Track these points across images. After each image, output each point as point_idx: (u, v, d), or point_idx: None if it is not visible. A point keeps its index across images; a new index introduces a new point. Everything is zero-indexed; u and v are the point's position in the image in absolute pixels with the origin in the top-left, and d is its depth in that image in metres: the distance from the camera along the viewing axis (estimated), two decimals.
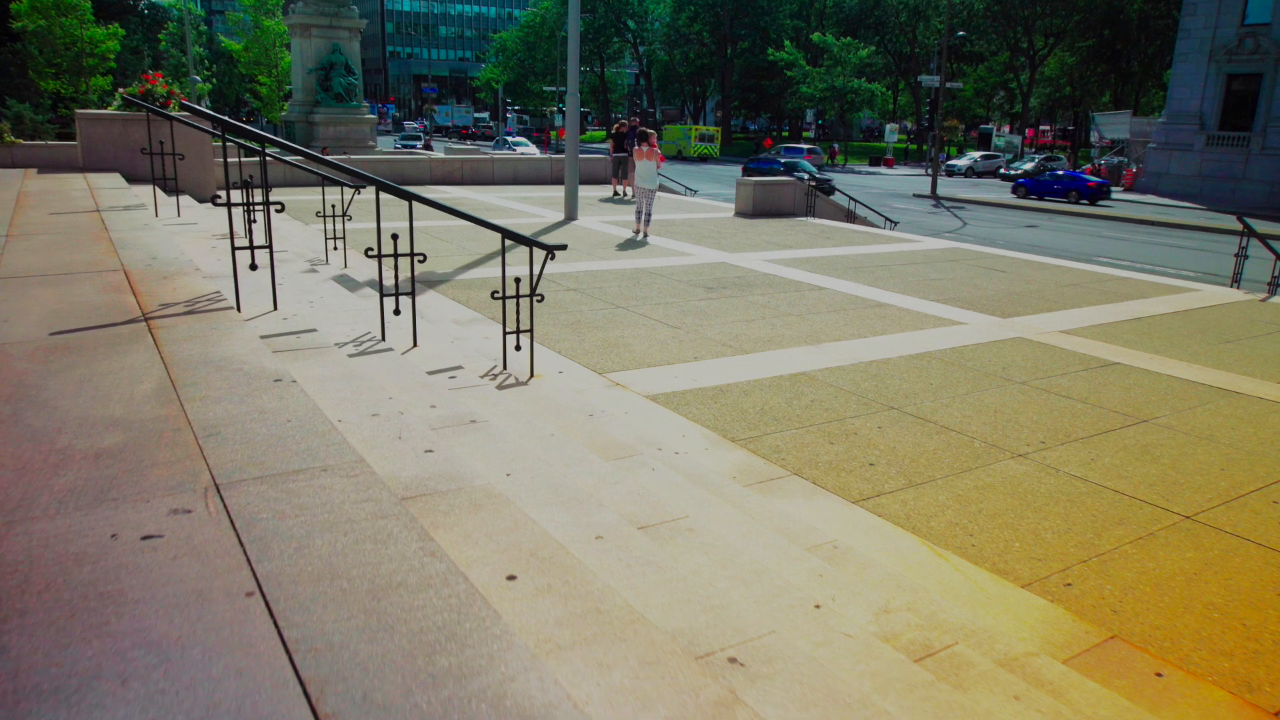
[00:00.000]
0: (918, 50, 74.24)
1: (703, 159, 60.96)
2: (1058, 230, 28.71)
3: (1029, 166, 55.88)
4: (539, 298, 6.05)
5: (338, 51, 29.41)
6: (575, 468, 3.87)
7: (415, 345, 5.68)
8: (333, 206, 9.74)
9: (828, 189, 25.42)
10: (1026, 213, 34.92)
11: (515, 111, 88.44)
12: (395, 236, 5.36)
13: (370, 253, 5.30)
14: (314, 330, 4.70)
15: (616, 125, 21.27)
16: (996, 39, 73.82)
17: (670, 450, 5.08)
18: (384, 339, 5.43)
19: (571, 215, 16.47)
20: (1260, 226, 30.54)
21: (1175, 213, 35.46)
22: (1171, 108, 44.61)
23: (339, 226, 9.97)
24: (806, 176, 28.57)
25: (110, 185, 10.45)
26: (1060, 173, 42.39)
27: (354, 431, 3.25)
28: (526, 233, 14.67)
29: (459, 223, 14.38)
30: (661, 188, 22.36)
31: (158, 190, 9.77)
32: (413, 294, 5.55)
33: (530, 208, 18.17)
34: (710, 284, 10.74)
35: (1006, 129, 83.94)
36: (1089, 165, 50.08)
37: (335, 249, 9.92)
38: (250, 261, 5.00)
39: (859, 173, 56.51)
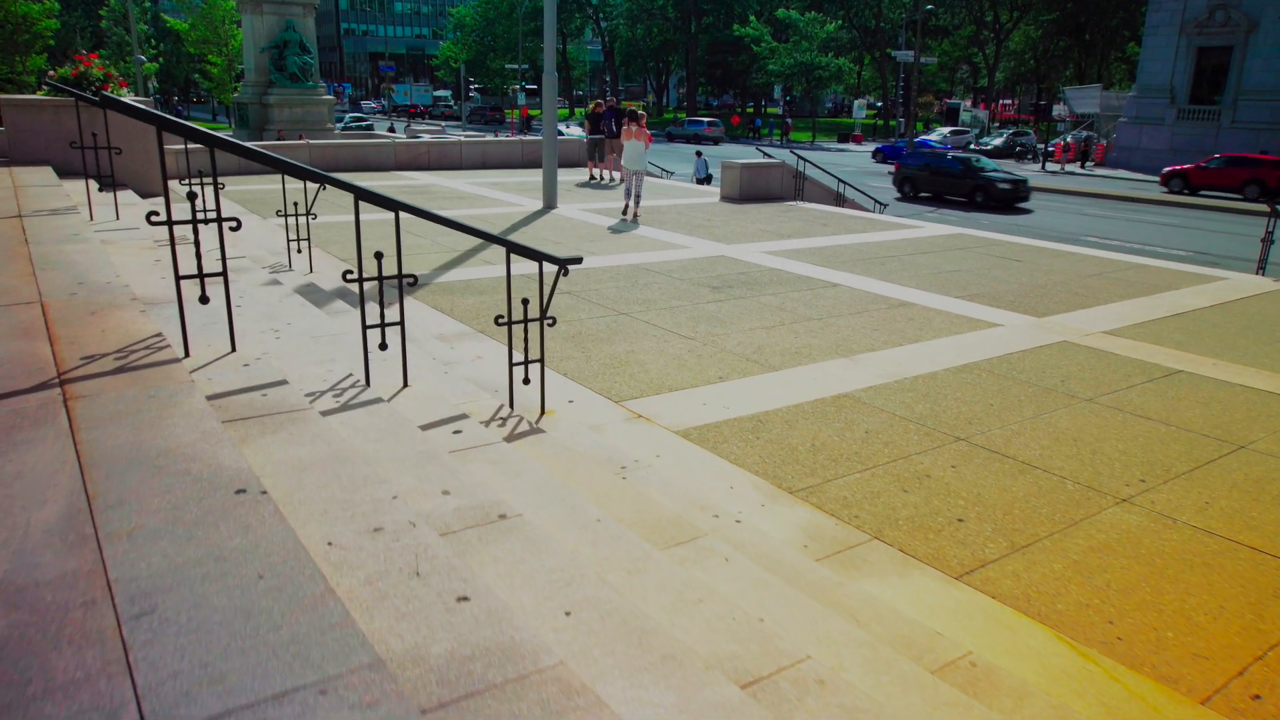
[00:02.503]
0: (883, 24, 73.37)
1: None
2: (1039, 210, 28.15)
3: (998, 142, 55.53)
4: (550, 321, 5.09)
5: (291, 29, 27.87)
6: (638, 577, 2.95)
7: (405, 385, 4.70)
8: (295, 205, 8.64)
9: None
10: None
11: (476, 90, 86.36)
12: (379, 255, 4.36)
13: (349, 276, 4.30)
14: (283, 382, 3.70)
15: (593, 105, 20.18)
16: (962, 12, 73.37)
17: (727, 515, 4.17)
18: (368, 382, 4.45)
19: (551, 203, 15.42)
20: (1220, 200, 30.42)
21: (1150, 188, 35.17)
22: (1142, 81, 44.34)
23: (302, 224, 8.90)
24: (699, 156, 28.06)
25: (39, 182, 9.23)
26: (921, 139, 47.12)
27: (353, 570, 2.29)
28: (504, 223, 13.63)
29: (449, 213, 13.15)
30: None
31: (94, 187, 8.60)
32: (401, 323, 4.56)
33: (505, 195, 17.07)
34: (715, 283, 9.82)
35: (969, 103, 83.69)
36: (1058, 141, 49.70)
37: (299, 251, 8.84)
38: (200, 294, 3.98)
39: (827, 149, 55.70)
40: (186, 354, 4.00)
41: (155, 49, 62.73)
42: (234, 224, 4.00)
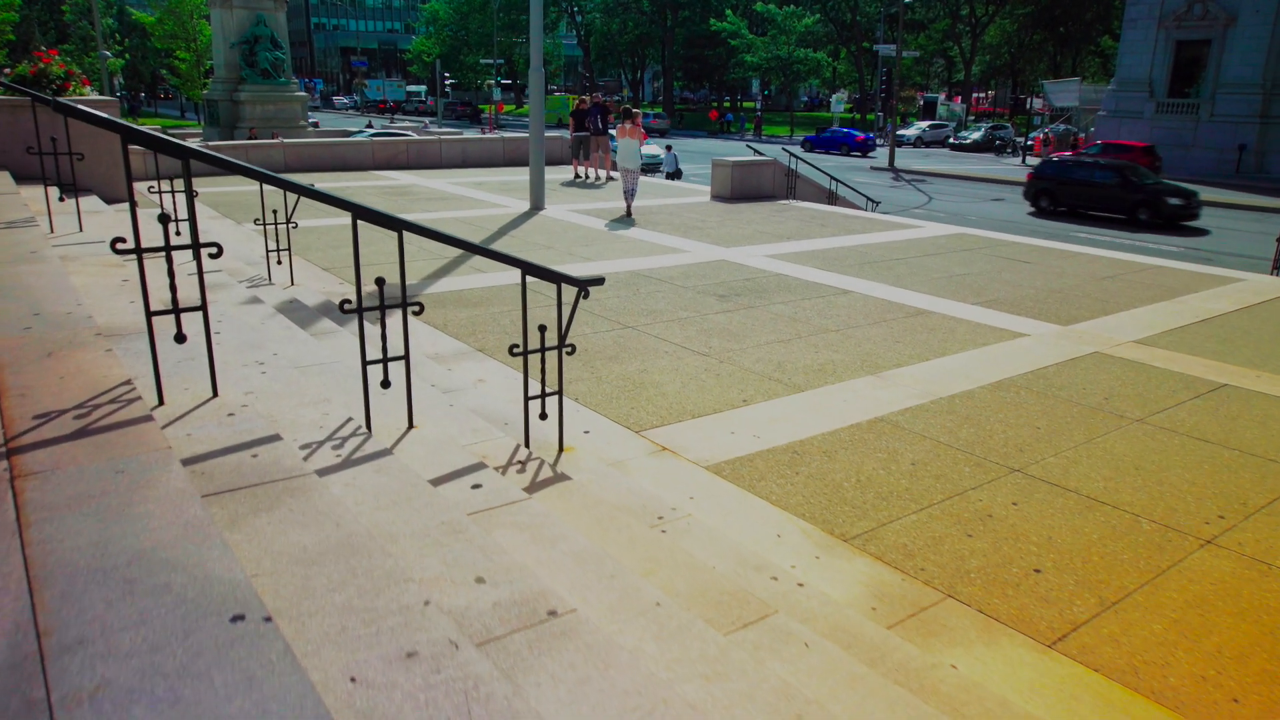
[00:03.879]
0: (859, 18, 73.10)
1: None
2: (1023, 203, 27.93)
3: (977, 136, 55.49)
4: (569, 349, 4.57)
5: (262, 23, 27.04)
6: (720, 685, 2.44)
7: (411, 426, 4.16)
8: (274, 212, 8.03)
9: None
10: (984, 184, 34.21)
11: (450, 85, 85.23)
12: (381, 282, 3.82)
13: (347, 306, 3.75)
14: (275, 438, 3.15)
15: (577, 102, 19.58)
16: (938, 5, 73.30)
17: (786, 576, 3.67)
18: (369, 427, 3.91)
19: (538, 204, 14.84)
20: (1210, 194, 30.35)
21: None
22: (1121, 75, 44.35)
23: (281, 232, 8.30)
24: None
25: None
26: (837, 129, 51.59)
27: None
28: (491, 225, 13.05)
29: (420, 215, 12.53)
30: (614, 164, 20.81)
31: (54, 195, 7.94)
32: (406, 358, 4.02)
33: (489, 195, 16.47)
34: (720, 290, 9.31)
35: (944, 97, 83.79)
36: (1037, 134, 49.69)
37: (279, 263, 8.23)
38: (176, 332, 3.42)
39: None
40: (160, 401, 3.44)
41: (120, 44, 61.21)
42: (214, 250, 3.44)
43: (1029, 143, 47.89)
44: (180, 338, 3.45)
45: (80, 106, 3.06)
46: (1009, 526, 4.43)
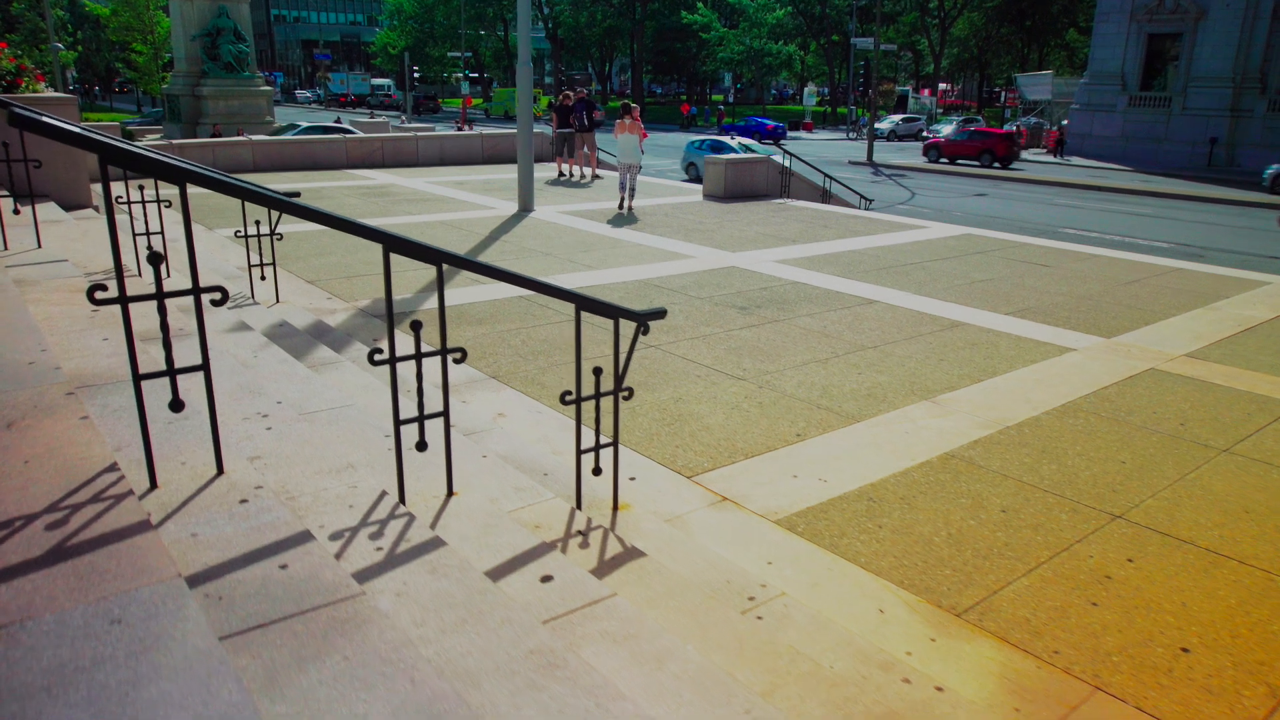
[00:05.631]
0: (829, 11, 72.78)
1: (535, 117, 63.78)
2: (1008, 199, 27.78)
3: (949, 129, 55.41)
4: (626, 394, 3.94)
5: (225, 15, 25.98)
6: None
7: (451, 493, 3.50)
8: (257, 223, 7.28)
9: None
10: (963, 179, 34.01)
11: (418, 79, 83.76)
12: (417, 326, 3.16)
13: (378, 356, 3.09)
14: (305, 538, 2.49)
15: (561, 97, 18.85)
16: None
17: (919, 679, 3.07)
18: (402, 498, 3.26)
19: (527, 206, 14.14)
20: (1183, 188, 30.37)
21: (1112, 175, 35.13)
22: (1093, 68, 44.41)
23: (259, 239, 7.54)
24: None
25: None
26: (752, 119, 56.81)
27: None
28: (481, 229, 12.32)
29: (403, 219, 11.88)
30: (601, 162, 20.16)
31: (7, 206, 7.13)
32: (446, 414, 3.36)
33: (473, 196, 15.72)
34: (739, 302, 8.71)
35: (912, 89, 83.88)
36: (1011, 128, 49.62)
37: (263, 278, 7.49)
38: (171, 399, 2.73)
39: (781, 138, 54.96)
40: (153, 484, 2.76)
41: (73, 36, 59.17)
42: (218, 296, 2.76)
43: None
44: (177, 405, 2.77)
45: (45, 118, 2.37)
46: (1133, 590, 3.88)
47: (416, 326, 3.21)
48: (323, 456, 3.41)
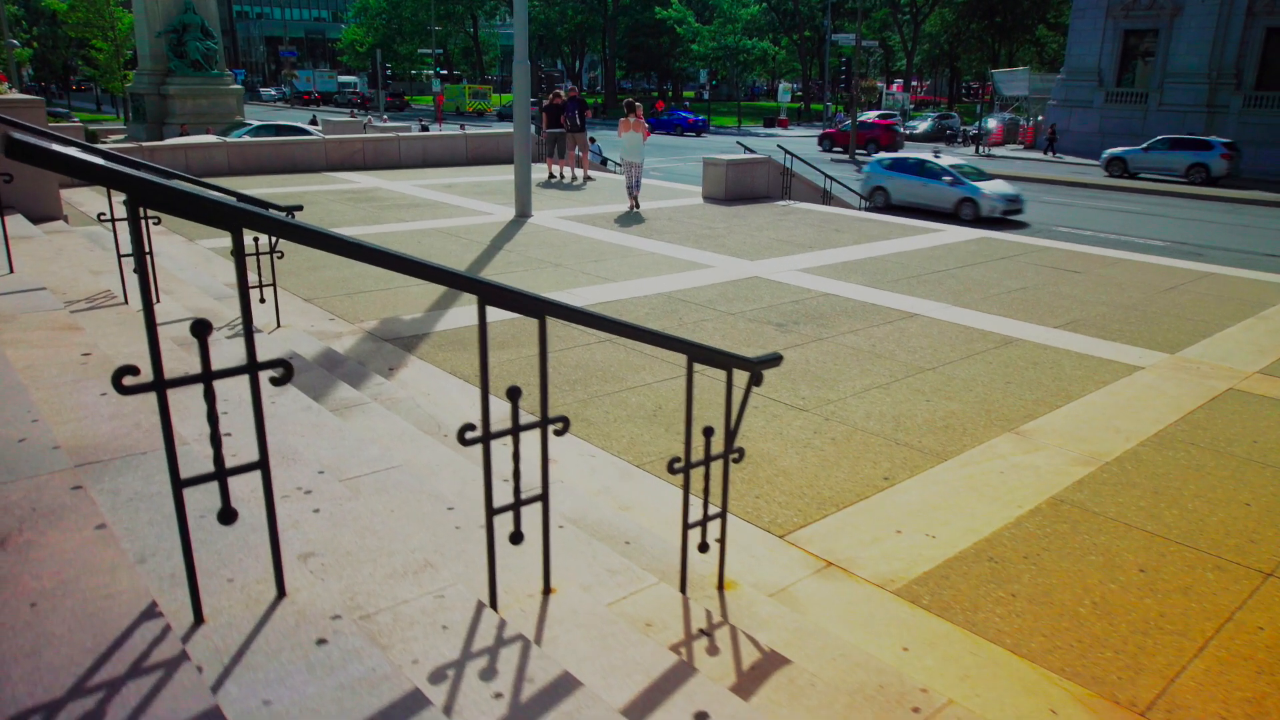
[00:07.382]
0: (801, 7, 72.49)
1: (479, 114, 66.72)
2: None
3: (925, 126, 55.27)
4: (736, 456, 3.34)
5: (191, 10, 24.95)
6: None
7: (548, 590, 2.88)
8: (255, 240, 6.57)
9: None
10: None
11: (389, 77, 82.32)
12: (515, 393, 2.55)
13: (470, 434, 2.47)
14: (416, 701, 1.88)
15: (551, 96, 18.16)
16: None
17: None
18: (494, 603, 2.65)
19: (524, 211, 13.46)
20: (1165, 185, 30.34)
21: (1091, 172, 35.10)
22: (1070, 64, 44.43)
23: (263, 264, 6.84)
24: None
25: None
26: (675, 112, 57.77)
27: None
28: (480, 237, 11.63)
29: (396, 227, 11.10)
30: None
31: None
32: (545, 499, 2.74)
33: (465, 200, 15.01)
34: (774, 318, 8.13)
35: (882, 84, 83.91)
36: (995, 121, 49.52)
37: (262, 300, 6.78)
38: (221, 507, 2.09)
39: (756, 135, 54.48)
40: (198, 618, 2.12)
41: (28, 33, 57.24)
42: (277, 374, 2.12)
43: (976, 132, 47.67)
44: (228, 515, 2.12)
45: (57, 148, 1.72)
46: None
47: (514, 394, 2.61)
48: (389, 550, 2.78)
